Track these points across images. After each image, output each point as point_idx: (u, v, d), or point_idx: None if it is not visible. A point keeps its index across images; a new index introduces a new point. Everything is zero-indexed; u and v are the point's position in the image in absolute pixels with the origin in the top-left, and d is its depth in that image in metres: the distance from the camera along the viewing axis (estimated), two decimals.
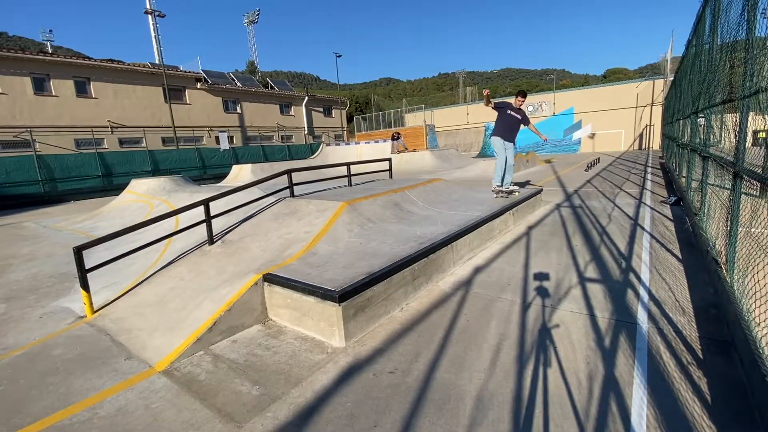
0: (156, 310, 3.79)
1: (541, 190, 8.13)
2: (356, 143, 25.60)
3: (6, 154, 16.82)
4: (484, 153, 30.59)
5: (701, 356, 2.61)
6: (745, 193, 3.06)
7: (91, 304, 3.93)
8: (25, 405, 2.55)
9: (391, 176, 9.12)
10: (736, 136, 3.11)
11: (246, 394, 2.53)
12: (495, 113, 6.88)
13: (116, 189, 15.30)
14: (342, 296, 3.04)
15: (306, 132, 32.79)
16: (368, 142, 24.73)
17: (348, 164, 7.74)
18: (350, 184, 7.64)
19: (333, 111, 36.06)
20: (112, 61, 21.60)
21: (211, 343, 3.19)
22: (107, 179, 18.50)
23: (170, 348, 3.10)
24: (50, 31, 28.65)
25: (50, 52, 24.23)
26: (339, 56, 33.91)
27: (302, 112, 32.51)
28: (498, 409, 2.23)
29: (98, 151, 18.88)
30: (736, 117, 3.20)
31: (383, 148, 23.08)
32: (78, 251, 3.83)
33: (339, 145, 26.81)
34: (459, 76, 74.63)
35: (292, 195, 6.17)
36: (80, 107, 19.75)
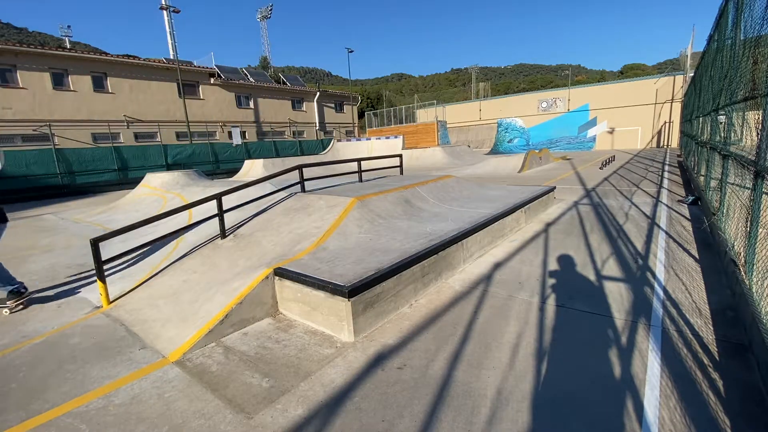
0: (169, 301, 3.86)
1: (554, 188, 8.02)
2: (367, 139, 25.58)
3: (26, 147, 17.27)
4: (497, 150, 30.30)
5: (717, 359, 2.56)
6: (767, 193, 2.97)
7: (107, 294, 4.02)
8: (44, 391, 2.63)
9: (401, 172, 9.10)
10: (758, 134, 3.02)
11: (256, 386, 2.57)
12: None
13: (131, 182, 15.59)
14: (352, 291, 3.06)
15: (317, 128, 32.89)
16: (379, 138, 24.70)
17: (359, 160, 7.74)
18: (361, 180, 7.65)
19: (344, 107, 36.09)
20: (128, 56, 21.94)
21: (223, 335, 3.25)
22: (123, 173, 18.84)
23: (183, 339, 3.16)
24: (68, 26, 29.28)
25: (68, 47, 24.70)
26: (351, 51, 33.83)
27: (314, 107, 32.61)
28: (508, 406, 2.22)
29: (114, 145, 19.24)
30: (758, 115, 3.10)
31: (394, 144, 23.04)
32: (95, 243, 3.92)
33: (350, 140, 26.83)
34: (472, 72, 73.82)
35: (303, 190, 6.20)
36: (97, 102, 20.14)
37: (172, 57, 24.05)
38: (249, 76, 29.17)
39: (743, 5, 4.16)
